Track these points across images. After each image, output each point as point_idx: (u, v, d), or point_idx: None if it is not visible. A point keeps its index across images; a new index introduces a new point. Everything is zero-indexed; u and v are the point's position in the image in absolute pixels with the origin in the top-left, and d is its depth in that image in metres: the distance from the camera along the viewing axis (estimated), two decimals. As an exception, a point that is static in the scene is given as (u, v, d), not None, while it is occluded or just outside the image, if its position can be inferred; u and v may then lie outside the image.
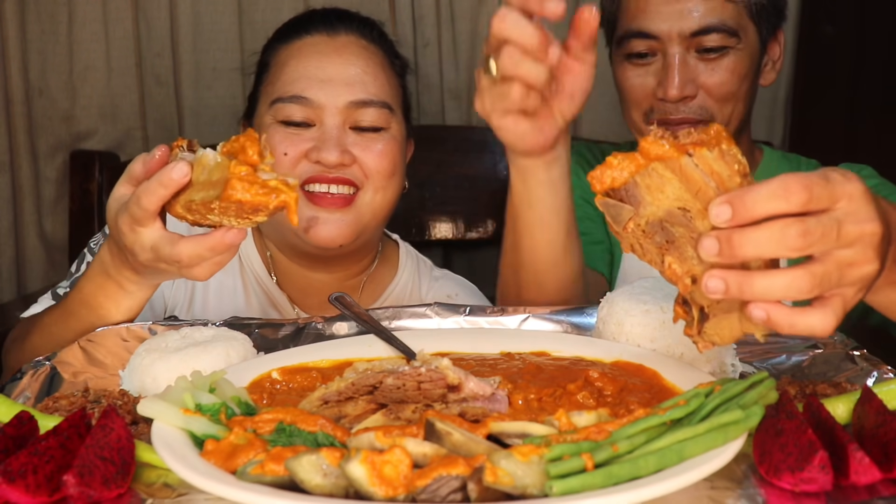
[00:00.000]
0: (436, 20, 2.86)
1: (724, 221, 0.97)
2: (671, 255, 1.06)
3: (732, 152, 1.01)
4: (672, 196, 1.04)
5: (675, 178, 1.03)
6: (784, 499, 0.93)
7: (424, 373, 1.09)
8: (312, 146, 1.80)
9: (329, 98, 1.82)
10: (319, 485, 0.90)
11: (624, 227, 1.08)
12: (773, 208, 0.96)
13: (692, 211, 1.03)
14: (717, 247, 0.98)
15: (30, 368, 1.35)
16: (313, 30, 1.91)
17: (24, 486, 0.91)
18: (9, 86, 2.79)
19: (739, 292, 0.98)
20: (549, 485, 0.87)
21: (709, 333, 1.08)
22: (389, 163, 1.85)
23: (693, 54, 1.98)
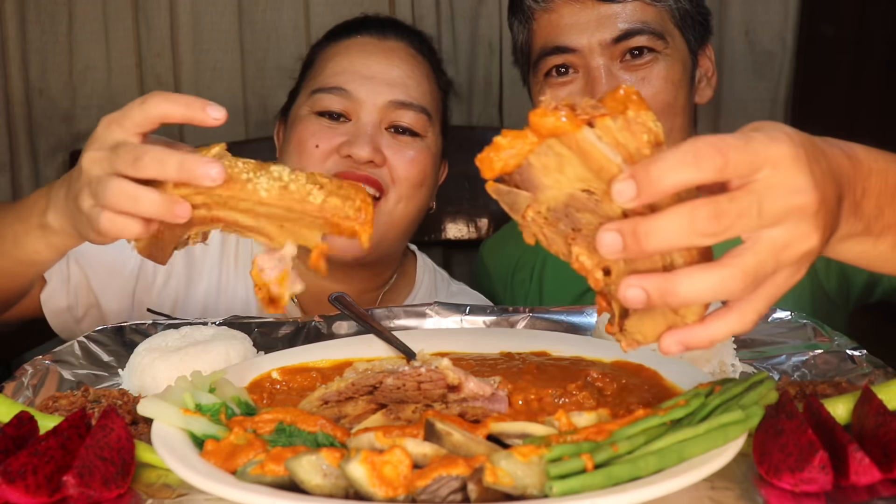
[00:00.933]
0: (436, 20, 2.86)
1: (628, 200, 0.84)
2: (578, 245, 0.93)
3: (641, 119, 0.86)
4: (573, 177, 0.89)
5: (575, 156, 0.88)
6: (784, 499, 0.93)
7: (424, 373, 1.09)
8: (345, 140, 1.76)
9: (369, 94, 1.79)
10: (319, 485, 0.90)
11: (522, 216, 0.94)
12: (684, 178, 0.82)
13: (597, 193, 0.89)
14: (619, 242, 0.85)
15: (30, 368, 1.35)
16: (364, 32, 1.90)
17: (24, 486, 0.91)
18: (9, 86, 2.79)
19: (663, 300, 0.86)
20: (549, 485, 0.87)
21: (630, 331, 0.95)
22: (419, 171, 1.81)
23: (618, 65, 1.80)
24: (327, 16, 2.78)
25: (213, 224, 1.17)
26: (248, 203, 1.13)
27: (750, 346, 1.40)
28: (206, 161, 1.10)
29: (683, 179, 0.83)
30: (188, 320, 1.54)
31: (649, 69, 1.80)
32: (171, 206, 1.11)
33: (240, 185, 1.13)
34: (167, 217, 1.11)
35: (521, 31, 1.93)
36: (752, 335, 1.44)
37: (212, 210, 1.15)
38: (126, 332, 1.49)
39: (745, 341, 1.41)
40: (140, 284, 1.80)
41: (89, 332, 1.48)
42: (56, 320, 1.75)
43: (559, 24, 1.82)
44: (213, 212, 1.15)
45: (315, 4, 2.82)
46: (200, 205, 1.14)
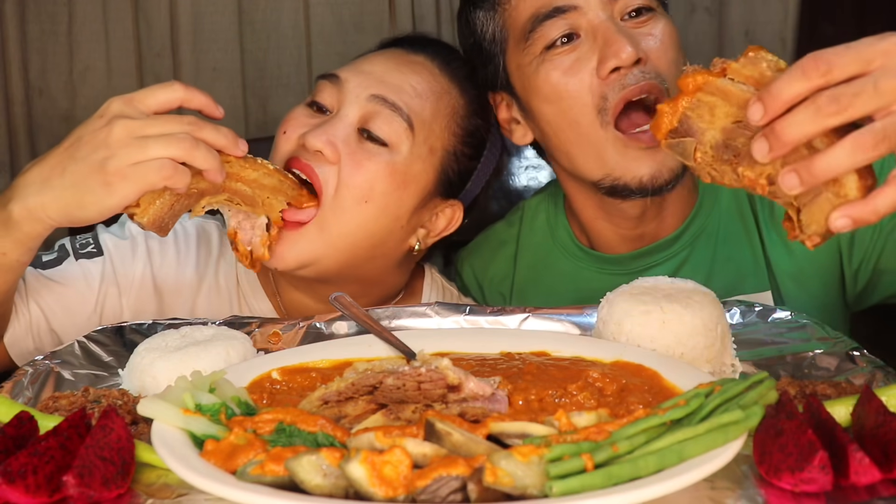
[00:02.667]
0: (436, 20, 2.86)
1: (760, 118, 1.04)
2: (742, 165, 1.13)
3: (760, 55, 1.09)
4: (723, 115, 1.13)
5: (719, 99, 1.13)
6: (784, 499, 0.93)
7: (424, 373, 1.09)
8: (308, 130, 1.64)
9: (357, 85, 1.65)
10: (319, 485, 0.90)
11: (694, 160, 1.17)
12: (797, 90, 1.01)
13: (744, 120, 1.10)
14: (765, 144, 1.04)
15: (30, 368, 1.35)
16: (399, 45, 1.78)
17: (24, 486, 0.91)
18: (9, 86, 2.79)
19: (812, 176, 1.02)
20: (549, 485, 0.87)
21: (806, 224, 1.11)
22: (364, 181, 1.60)
23: (620, 22, 1.64)
24: (327, 16, 2.78)
25: (219, 195, 1.46)
26: (257, 174, 1.49)
27: (750, 347, 1.40)
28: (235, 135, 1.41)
29: (796, 90, 1.02)
30: (188, 320, 1.54)
31: (653, 26, 1.66)
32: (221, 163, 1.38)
33: (252, 160, 1.48)
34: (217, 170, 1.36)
35: (488, 20, 1.76)
36: (753, 335, 1.44)
37: (225, 182, 1.44)
38: (126, 332, 1.49)
39: (745, 341, 1.41)
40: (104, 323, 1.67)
41: (89, 332, 1.48)
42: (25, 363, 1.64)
43: None
44: (226, 182, 1.44)
45: (315, 4, 2.82)
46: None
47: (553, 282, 1.94)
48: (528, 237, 2.00)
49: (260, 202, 1.53)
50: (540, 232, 1.99)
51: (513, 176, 2.68)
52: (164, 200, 1.37)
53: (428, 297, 1.89)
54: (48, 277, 1.65)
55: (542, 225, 1.99)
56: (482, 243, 2.11)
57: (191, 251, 1.78)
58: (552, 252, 1.95)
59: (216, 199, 1.48)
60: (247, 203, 1.51)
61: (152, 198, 1.36)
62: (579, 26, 1.64)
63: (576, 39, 1.64)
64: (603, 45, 1.61)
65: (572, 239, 1.92)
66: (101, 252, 1.71)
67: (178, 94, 1.39)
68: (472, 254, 2.11)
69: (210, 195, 1.45)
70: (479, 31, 1.78)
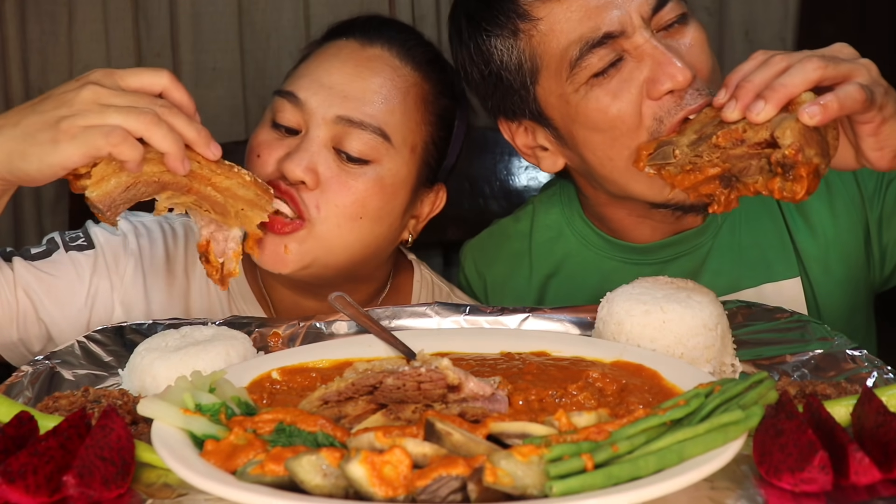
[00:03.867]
0: (436, 20, 2.86)
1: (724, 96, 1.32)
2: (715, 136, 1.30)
3: None
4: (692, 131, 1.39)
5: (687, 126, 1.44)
6: (784, 499, 0.93)
7: (424, 373, 1.09)
8: (284, 154, 1.60)
9: (320, 105, 1.60)
10: (319, 485, 0.90)
11: (674, 156, 1.36)
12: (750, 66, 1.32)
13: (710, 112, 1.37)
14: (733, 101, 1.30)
15: (30, 368, 1.35)
16: (350, 35, 1.71)
17: (24, 486, 0.91)
18: (9, 86, 2.80)
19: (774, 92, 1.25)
20: (549, 485, 0.87)
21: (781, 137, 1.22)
22: (354, 202, 1.60)
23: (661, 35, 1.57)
24: (327, 16, 2.78)
25: (185, 195, 1.38)
26: (231, 182, 1.42)
27: (750, 346, 1.40)
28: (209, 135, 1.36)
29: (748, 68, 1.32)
30: (188, 320, 1.54)
31: (688, 33, 1.59)
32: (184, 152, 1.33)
33: (227, 167, 1.42)
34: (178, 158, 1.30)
35: (510, 49, 1.64)
36: (753, 335, 1.44)
37: (192, 181, 1.37)
38: (126, 332, 1.49)
39: (745, 341, 1.41)
40: (94, 318, 1.67)
41: (89, 332, 1.48)
42: (8, 353, 1.66)
43: (588, 7, 1.55)
44: (193, 183, 1.37)
45: (315, 4, 2.83)
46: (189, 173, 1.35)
47: (575, 273, 1.90)
48: (542, 233, 1.96)
49: (233, 213, 1.44)
50: (554, 226, 1.94)
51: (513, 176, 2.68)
52: (120, 180, 1.31)
53: (418, 293, 1.88)
54: (37, 267, 1.64)
55: (557, 218, 1.94)
56: (486, 238, 2.09)
57: (179, 251, 1.77)
58: (571, 244, 1.91)
59: (181, 200, 1.39)
60: (217, 211, 1.43)
61: (107, 172, 1.30)
62: (624, 49, 1.56)
63: (620, 62, 1.56)
64: (654, 65, 1.54)
65: (593, 229, 1.87)
66: (91, 245, 1.70)
67: (163, 80, 1.36)
68: (475, 248, 2.09)
69: (173, 191, 1.37)
70: (497, 60, 1.66)
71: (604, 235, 1.86)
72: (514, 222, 2.03)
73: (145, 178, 1.32)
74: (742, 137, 1.27)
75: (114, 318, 1.67)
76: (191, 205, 1.40)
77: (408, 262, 1.94)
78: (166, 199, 1.37)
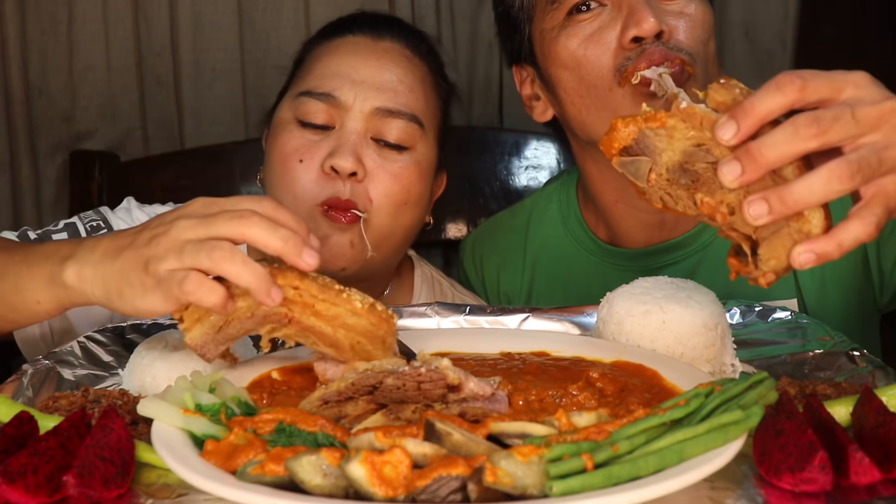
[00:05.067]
0: (436, 20, 2.86)
1: (732, 136, 0.99)
2: (700, 191, 1.07)
3: (732, 82, 1.04)
4: (683, 137, 1.06)
5: (679, 121, 1.06)
6: (784, 499, 0.93)
7: (424, 373, 1.09)
8: (328, 153, 1.65)
9: (356, 100, 1.68)
10: (319, 485, 0.90)
11: (647, 181, 1.11)
12: (772, 105, 0.98)
13: (706, 143, 1.05)
14: (737, 166, 0.99)
15: (30, 368, 1.35)
16: (357, 31, 1.78)
17: (24, 486, 0.91)
18: (9, 86, 2.79)
19: (784, 206, 0.97)
20: (549, 485, 0.87)
21: (765, 260, 1.05)
22: (402, 188, 1.68)
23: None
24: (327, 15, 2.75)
25: (286, 326, 1.20)
26: (339, 310, 1.19)
27: (750, 346, 1.40)
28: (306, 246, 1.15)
29: (772, 105, 0.97)
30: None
31: (686, 4, 1.62)
32: (270, 283, 1.13)
33: (335, 293, 1.19)
34: (262, 291, 1.12)
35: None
36: (753, 335, 1.44)
37: (293, 310, 1.19)
38: (126, 332, 1.49)
39: (745, 341, 1.41)
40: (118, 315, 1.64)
41: (89, 333, 1.48)
42: (28, 348, 1.67)
43: None
44: (294, 312, 1.19)
45: (315, 4, 2.82)
46: (284, 300, 1.17)
47: (566, 274, 1.93)
48: (538, 228, 1.99)
49: (348, 345, 1.21)
50: (551, 223, 1.97)
51: (513, 176, 2.68)
52: (210, 322, 1.18)
53: (419, 288, 1.93)
54: None
55: (554, 215, 1.97)
56: (484, 231, 2.13)
57: None
58: (565, 243, 1.93)
59: (283, 332, 1.22)
60: (326, 343, 1.21)
61: (200, 314, 1.18)
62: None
63: (599, 7, 1.62)
64: (627, 14, 1.59)
65: (587, 232, 1.91)
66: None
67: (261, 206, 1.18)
68: (473, 242, 2.12)
69: (273, 323, 1.20)
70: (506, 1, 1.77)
71: (596, 239, 1.88)
72: (510, 217, 2.06)
73: (238, 315, 1.18)
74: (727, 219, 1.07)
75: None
76: (294, 336, 1.22)
77: (408, 259, 1.98)
78: (268, 333, 1.20)
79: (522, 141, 2.69)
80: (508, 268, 2.01)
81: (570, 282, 1.92)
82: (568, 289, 1.92)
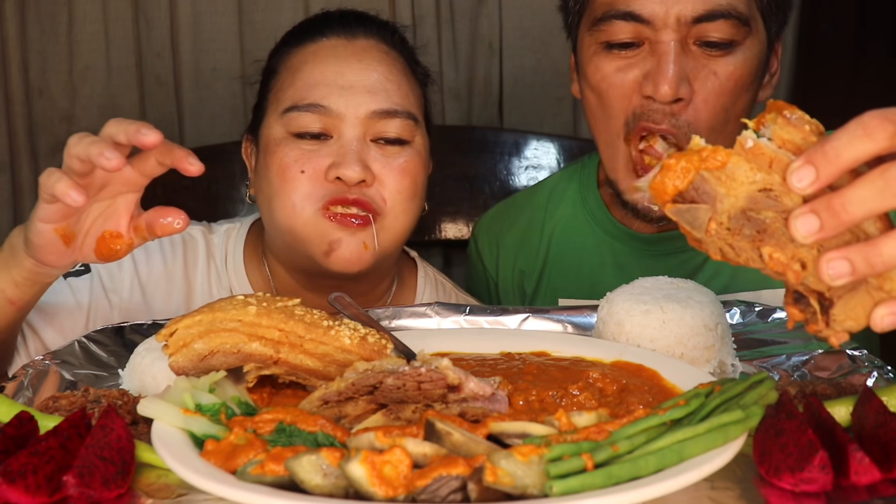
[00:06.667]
0: (436, 20, 2.86)
1: (809, 184, 0.86)
2: (768, 244, 0.93)
3: (798, 115, 0.91)
4: (747, 180, 0.92)
5: (744, 160, 0.92)
6: (784, 499, 0.93)
7: (424, 373, 1.09)
8: (331, 162, 1.63)
9: (349, 107, 1.65)
10: (319, 485, 0.90)
11: (706, 231, 0.95)
12: (860, 152, 0.85)
13: (775, 189, 0.91)
14: (815, 221, 0.86)
15: (30, 368, 1.35)
16: (329, 32, 1.74)
17: (24, 486, 0.91)
18: (9, 86, 2.80)
19: (869, 267, 0.86)
20: (549, 485, 0.87)
21: (839, 320, 0.93)
22: (411, 182, 1.69)
23: (692, 47, 1.60)
24: (327, 16, 2.77)
25: (272, 367, 1.18)
26: (328, 348, 1.20)
27: (750, 346, 1.40)
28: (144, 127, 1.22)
29: (859, 152, 0.85)
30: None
31: (724, 63, 1.60)
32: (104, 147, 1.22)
33: (322, 331, 1.21)
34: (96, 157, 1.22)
35: None
36: (753, 335, 1.44)
37: (280, 351, 1.19)
38: (126, 332, 1.49)
39: (745, 341, 1.41)
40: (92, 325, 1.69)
41: (89, 332, 1.48)
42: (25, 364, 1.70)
43: None
44: (282, 353, 1.19)
45: (315, 4, 2.82)
46: (270, 341, 1.19)
47: (580, 253, 1.95)
48: (557, 207, 2.01)
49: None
50: (570, 203, 1.99)
51: (513, 176, 2.68)
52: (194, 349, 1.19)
53: (422, 289, 1.92)
54: (41, 304, 1.64)
55: (574, 196, 1.99)
56: (502, 209, 2.14)
57: (178, 258, 1.80)
58: (582, 223, 1.95)
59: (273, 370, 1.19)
60: (318, 378, 1.20)
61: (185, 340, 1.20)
62: (646, 36, 1.61)
63: (635, 47, 1.63)
64: (652, 66, 1.60)
65: (605, 212, 1.92)
66: (87, 269, 1.73)
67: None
68: (490, 220, 2.14)
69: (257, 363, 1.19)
70: None
71: (614, 220, 1.89)
72: (530, 195, 2.10)
73: (224, 349, 1.18)
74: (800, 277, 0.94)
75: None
76: (286, 376, 1.19)
77: (411, 260, 1.98)
78: (256, 370, 1.17)
79: (522, 141, 2.70)
80: (526, 244, 2.03)
81: (584, 262, 1.94)
82: (581, 269, 1.94)
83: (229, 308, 1.20)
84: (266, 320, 1.19)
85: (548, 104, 2.90)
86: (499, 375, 1.19)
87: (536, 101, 2.91)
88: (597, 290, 1.88)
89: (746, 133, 0.93)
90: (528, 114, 2.90)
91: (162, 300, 1.77)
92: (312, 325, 1.21)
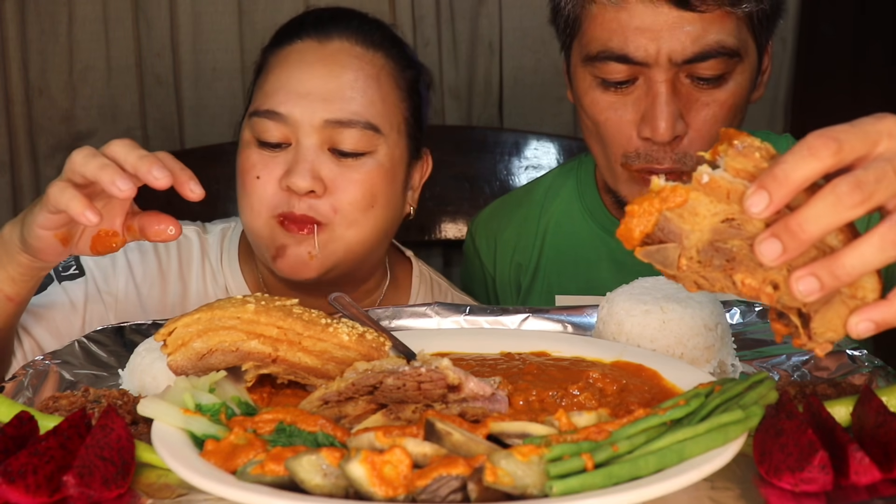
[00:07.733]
0: (436, 20, 2.86)
1: (764, 208, 0.89)
2: (739, 271, 0.97)
3: (747, 143, 0.94)
4: (709, 213, 0.96)
5: (702, 195, 0.95)
6: (784, 499, 0.93)
7: (424, 373, 1.09)
8: (285, 170, 1.63)
9: (304, 115, 1.62)
10: (319, 485, 0.90)
11: (678, 268, 0.99)
12: (807, 172, 0.88)
13: (737, 217, 0.95)
14: (777, 245, 0.89)
15: (30, 368, 1.35)
16: (304, 34, 1.71)
17: (24, 486, 0.91)
18: (9, 86, 2.80)
19: (836, 280, 0.89)
20: (549, 485, 0.87)
21: (820, 332, 0.96)
22: (364, 194, 1.64)
23: (683, 81, 1.64)
24: (327, 16, 2.77)
25: (271, 367, 1.19)
26: (326, 345, 1.21)
27: (750, 347, 1.40)
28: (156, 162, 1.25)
29: (806, 172, 0.88)
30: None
31: (717, 93, 1.65)
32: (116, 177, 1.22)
33: (320, 328, 1.22)
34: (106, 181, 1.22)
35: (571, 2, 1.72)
36: (753, 335, 1.44)
37: (279, 349, 1.19)
38: (126, 332, 1.49)
39: (745, 341, 1.41)
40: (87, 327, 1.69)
41: (89, 332, 1.48)
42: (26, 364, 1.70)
43: (628, 26, 1.61)
44: (280, 351, 1.19)
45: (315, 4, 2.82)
46: (268, 339, 1.19)
47: (576, 248, 1.96)
48: (554, 202, 2.03)
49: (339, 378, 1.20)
50: (567, 198, 2.01)
51: (513, 176, 2.69)
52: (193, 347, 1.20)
53: (417, 289, 1.91)
54: (35, 306, 1.66)
55: (571, 191, 2.01)
56: (498, 207, 2.15)
57: (172, 258, 1.80)
58: (578, 218, 1.97)
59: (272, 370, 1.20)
60: (317, 377, 1.21)
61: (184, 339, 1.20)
62: (640, 73, 1.64)
63: (629, 85, 1.66)
64: (648, 108, 1.64)
65: (602, 208, 1.95)
66: (83, 272, 1.73)
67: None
68: (487, 217, 2.15)
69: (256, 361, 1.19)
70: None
71: (611, 216, 1.92)
72: (526, 191, 2.12)
73: (222, 347, 1.19)
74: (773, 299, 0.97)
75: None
76: (286, 375, 1.20)
77: (406, 259, 1.97)
78: (255, 369, 1.19)
79: (522, 141, 2.70)
80: (523, 239, 2.05)
81: (579, 256, 1.96)
82: (577, 263, 1.96)
83: (228, 306, 1.21)
84: (264, 318, 1.20)
85: (548, 104, 2.90)
86: (499, 375, 1.19)
87: (536, 101, 2.91)
88: (592, 284, 1.91)
89: (701, 168, 0.95)
90: (528, 114, 2.91)
91: (157, 300, 1.77)
92: (311, 322, 1.21)
